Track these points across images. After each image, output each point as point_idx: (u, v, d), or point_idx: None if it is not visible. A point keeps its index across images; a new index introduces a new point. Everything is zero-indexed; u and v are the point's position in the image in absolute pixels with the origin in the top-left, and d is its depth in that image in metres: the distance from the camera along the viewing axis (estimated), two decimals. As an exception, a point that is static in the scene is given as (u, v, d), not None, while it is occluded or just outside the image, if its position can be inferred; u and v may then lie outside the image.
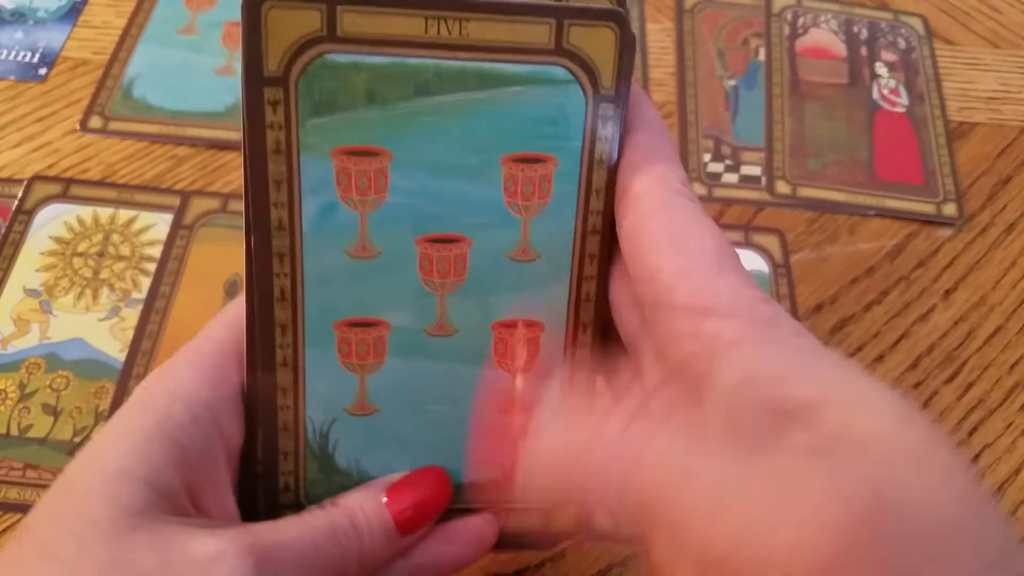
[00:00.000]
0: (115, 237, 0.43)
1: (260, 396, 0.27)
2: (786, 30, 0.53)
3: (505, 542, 0.29)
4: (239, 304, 0.27)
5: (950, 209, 0.47)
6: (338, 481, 0.28)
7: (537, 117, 0.25)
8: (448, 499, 0.28)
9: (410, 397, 0.27)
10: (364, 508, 0.26)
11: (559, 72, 0.25)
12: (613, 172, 0.26)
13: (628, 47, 0.25)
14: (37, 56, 0.49)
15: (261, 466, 0.27)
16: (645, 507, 0.21)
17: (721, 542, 0.19)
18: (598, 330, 0.27)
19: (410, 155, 0.25)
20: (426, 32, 0.24)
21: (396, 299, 0.26)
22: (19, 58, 0.49)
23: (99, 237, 0.43)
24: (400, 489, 0.27)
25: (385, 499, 0.27)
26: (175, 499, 0.24)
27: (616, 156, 0.26)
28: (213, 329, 0.27)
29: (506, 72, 0.25)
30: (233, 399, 0.26)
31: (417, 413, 0.27)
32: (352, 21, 0.24)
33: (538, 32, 0.25)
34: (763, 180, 0.47)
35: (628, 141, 0.26)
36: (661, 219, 0.24)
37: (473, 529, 0.28)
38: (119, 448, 0.24)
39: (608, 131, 0.26)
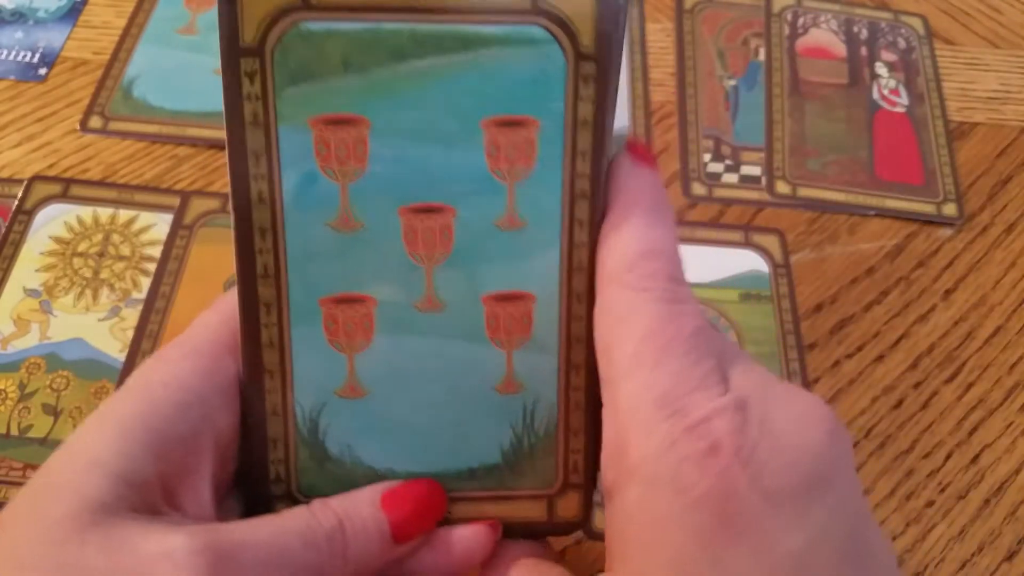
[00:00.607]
0: (115, 237, 0.43)
1: (247, 380, 0.26)
2: (786, 30, 0.53)
3: (509, 532, 0.28)
4: (235, 291, 0.27)
5: (950, 209, 0.47)
6: (330, 469, 0.27)
7: (516, 79, 0.25)
8: (444, 508, 0.27)
9: (402, 378, 0.27)
10: (360, 512, 0.26)
11: (537, 32, 0.25)
12: (599, 132, 0.25)
13: (607, 3, 0.24)
14: (37, 56, 0.49)
15: (251, 455, 0.27)
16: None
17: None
18: (593, 300, 0.26)
19: (389, 122, 0.25)
20: None
21: (382, 273, 0.26)
22: (19, 58, 0.49)
23: (99, 237, 0.43)
24: (398, 495, 0.26)
25: (381, 505, 0.26)
26: (146, 493, 0.24)
27: (605, 118, 0.25)
28: (209, 316, 0.27)
29: (482, 34, 0.24)
30: (227, 389, 0.26)
31: (410, 395, 0.27)
32: None
33: None
34: (763, 180, 0.47)
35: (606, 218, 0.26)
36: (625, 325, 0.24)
37: (471, 537, 0.27)
38: (94, 438, 0.24)
39: (591, 91, 0.25)
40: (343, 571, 0.25)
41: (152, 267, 0.42)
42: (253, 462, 0.27)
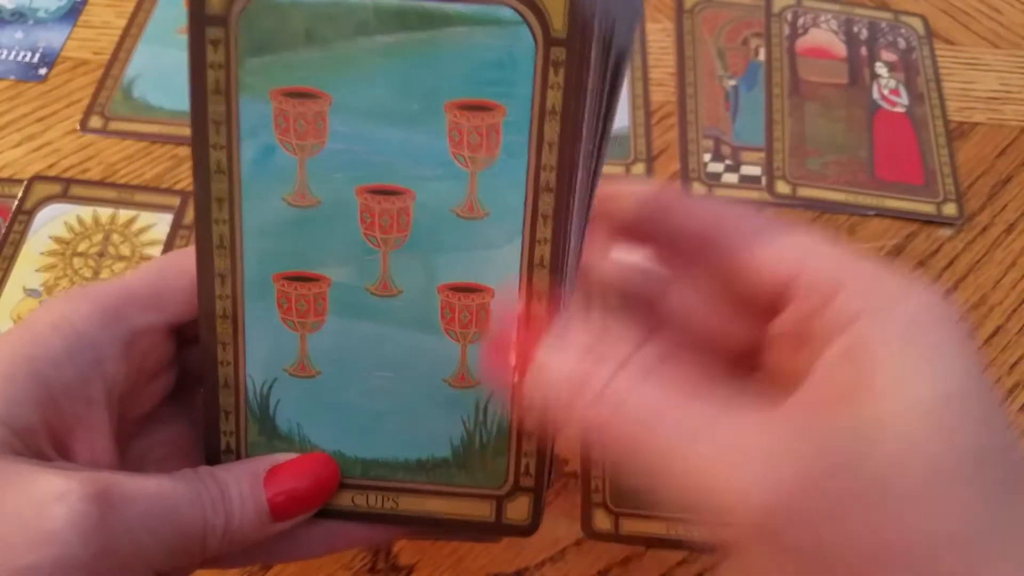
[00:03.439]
0: (115, 237, 0.43)
1: (202, 350, 0.26)
2: (786, 30, 0.53)
3: (455, 530, 0.28)
4: (171, 253, 0.27)
5: (950, 209, 0.47)
6: (279, 446, 0.27)
7: (482, 61, 0.24)
8: (333, 491, 0.27)
9: (353, 361, 0.27)
10: (240, 486, 0.25)
11: (505, 12, 0.23)
12: (568, 124, 0.24)
13: None
14: (37, 56, 0.49)
15: (206, 423, 0.27)
16: (624, 448, 0.22)
17: (680, 479, 0.21)
18: (558, 302, 0.26)
19: (349, 99, 0.24)
20: None
21: (337, 253, 0.26)
22: (19, 58, 0.49)
23: (99, 237, 0.43)
24: (282, 472, 0.26)
25: (264, 481, 0.26)
26: (31, 439, 0.23)
27: (575, 108, 0.24)
28: (133, 272, 0.27)
29: (448, 12, 0.24)
30: (124, 342, 0.25)
31: (360, 378, 0.27)
32: None
33: None
34: (763, 180, 0.47)
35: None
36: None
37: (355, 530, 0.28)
38: None
39: (560, 78, 0.24)
40: (221, 541, 0.25)
41: (152, 267, 0.42)
42: (208, 431, 0.27)
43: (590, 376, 0.23)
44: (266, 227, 0.25)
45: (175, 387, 0.28)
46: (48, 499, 0.22)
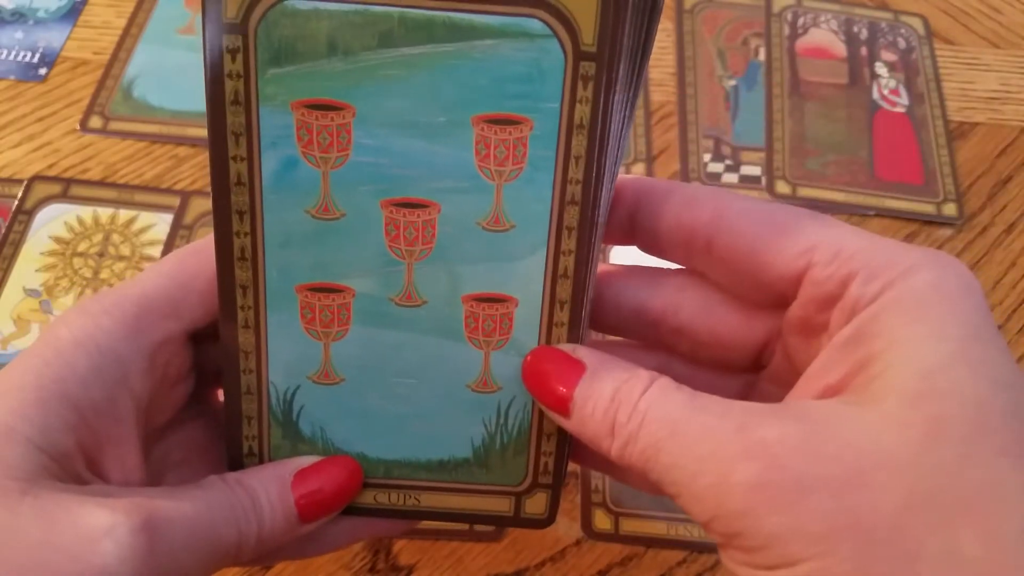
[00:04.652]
0: (115, 237, 0.43)
1: (223, 357, 0.26)
2: (786, 30, 0.53)
3: (474, 522, 0.29)
4: (180, 253, 0.26)
5: (950, 209, 0.46)
6: (303, 450, 0.27)
7: (510, 74, 0.24)
8: (357, 491, 0.27)
9: (377, 368, 0.27)
10: (268, 491, 0.26)
11: (535, 25, 0.23)
12: (595, 138, 0.24)
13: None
14: (37, 56, 0.49)
15: (228, 427, 0.27)
16: (648, 457, 0.23)
17: (686, 467, 0.22)
18: (579, 310, 0.26)
19: (374, 111, 0.24)
20: None
21: (361, 265, 0.26)
22: (19, 58, 0.49)
23: (99, 237, 0.43)
24: (308, 476, 0.26)
25: (292, 485, 0.26)
26: (66, 463, 0.23)
27: (603, 122, 0.24)
28: (146, 276, 0.26)
29: (476, 23, 0.23)
30: (149, 354, 0.25)
31: (384, 385, 0.27)
32: None
33: None
34: (763, 180, 0.47)
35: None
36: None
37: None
38: (7, 405, 0.23)
39: (589, 92, 0.24)
40: (254, 548, 0.25)
41: (152, 267, 0.42)
42: (230, 436, 0.27)
43: (617, 415, 0.24)
44: (289, 239, 0.25)
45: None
46: (97, 534, 0.21)
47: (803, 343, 0.25)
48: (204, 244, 0.26)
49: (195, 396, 0.28)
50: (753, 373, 0.28)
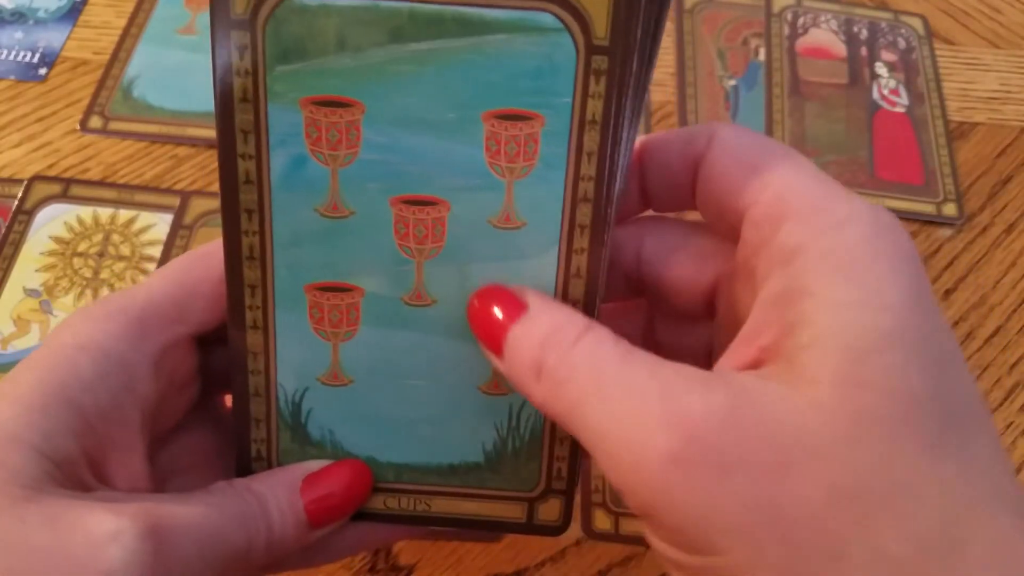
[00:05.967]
0: (115, 237, 0.43)
1: (231, 359, 0.26)
2: (786, 30, 0.53)
3: (486, 528, 0.28)
4: (186, 258, 0.26)
5: (950, 209, 0.47)
6: (311, 453, 0.27)
7: (522, 70, 0.23)
8: (367, 496, 0.27)
9: (386, 369, 0.26)
10: (277, 497, 0.25)
11: (546, 19, 0.23)
12: (608, 133, 0.24)
13: None
14: (37, 56, 0.49)
15: (236, 430, 0.26)
16: (571, 409, 0.22)
17: (602, 426, 0.22)
18: (592, 310, 0.26)
19: (383, 108, 0.24)
20: None
21: (370, 264, 0.25)
22: (19, 58, 0.49)
23: (99, 237, 0.43)
24: (317, 480, 0.26)
25: (301, 490, 0.26)
26: (72, 469, 0.23)
27: (615, 118, 0.23)
28: (152, 281, 0.26)
29: (487, 18, 0.23)
30: (154, 359, 0.25)
31: (394, 387, 0.26)
32: None
33: None
34: (763, 180, 0.47)
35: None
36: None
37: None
38: (12, 411, 0.23)
39: (602, 87, 0.23)
40: (265, 555, 0.25)
41: (152, 267, 0.42)
42: (239, 439, 0.27)
43: (546, 358, 0.23)
44: (297, 238, 0.25)
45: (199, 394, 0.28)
46: (103, 540, 0.21)
47: (744, 291, 0.24)
48: (210, 249, 0.26)
49: (201, 401, 0.28)
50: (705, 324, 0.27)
